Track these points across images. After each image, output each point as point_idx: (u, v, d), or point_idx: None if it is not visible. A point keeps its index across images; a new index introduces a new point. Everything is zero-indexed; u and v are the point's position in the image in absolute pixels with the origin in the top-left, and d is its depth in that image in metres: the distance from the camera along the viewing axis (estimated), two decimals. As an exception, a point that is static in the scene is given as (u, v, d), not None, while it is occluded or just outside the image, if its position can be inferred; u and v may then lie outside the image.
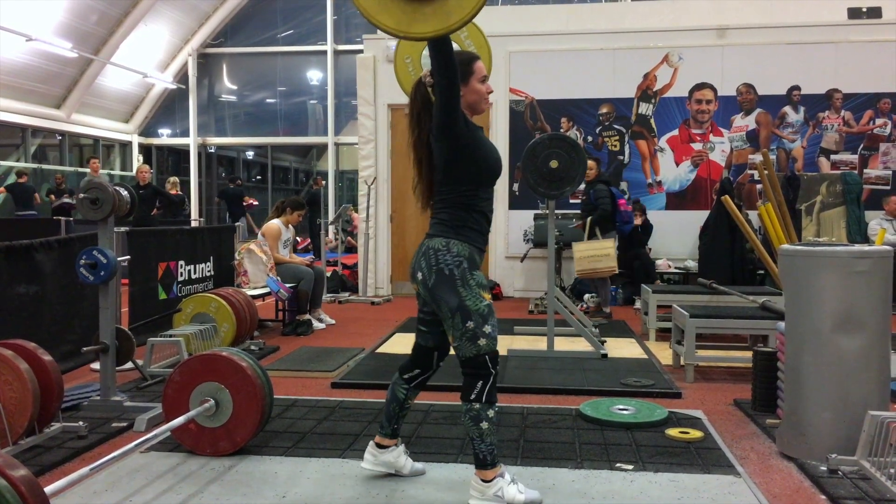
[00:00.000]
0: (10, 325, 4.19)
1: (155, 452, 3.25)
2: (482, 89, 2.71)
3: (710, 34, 8.95)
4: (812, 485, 2.90)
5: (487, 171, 2.69)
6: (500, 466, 2.62)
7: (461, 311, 2.55)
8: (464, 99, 2.64)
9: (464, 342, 2.57)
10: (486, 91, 2.74)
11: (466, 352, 2.58)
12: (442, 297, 2.58)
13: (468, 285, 2.56)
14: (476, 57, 2.77)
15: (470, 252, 2.61)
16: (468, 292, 2.55)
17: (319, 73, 17.49)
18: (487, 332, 2.55)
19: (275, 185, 18.61)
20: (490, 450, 2.58)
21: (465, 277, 2.56)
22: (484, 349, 2.56)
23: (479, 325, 2.55)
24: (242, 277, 6.54)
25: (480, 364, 2.56)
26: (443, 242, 2.60)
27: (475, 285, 2.57)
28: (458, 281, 2.56)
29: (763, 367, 3.89)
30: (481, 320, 2.55)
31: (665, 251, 8.87)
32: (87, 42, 14.76)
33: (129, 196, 3.91)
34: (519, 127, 9.16)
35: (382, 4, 2.21)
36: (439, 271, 2.57)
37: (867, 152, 8.77)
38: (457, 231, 2.62)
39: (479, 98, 2.72)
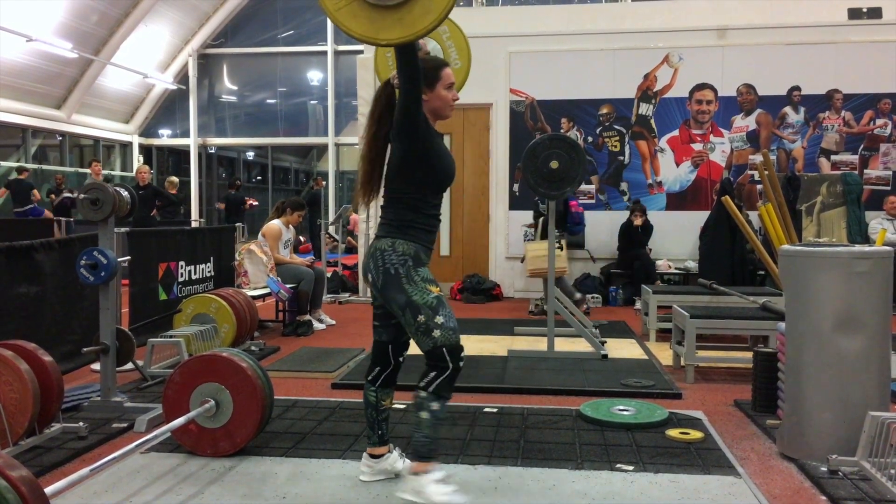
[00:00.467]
0: (10, 326, 4.19)
1: (155, 453, 3.24)
2: (447, 96, 2.73)
3: (711, 35, 8.95)
4: (812, 485, 2.90)
5: (439, 178, 2.73)
6: (434, 463, 2.62)
7: (410, 306, 2.59)
8: (428, 104, 2.68)
9: (420, 336, 2.61)
10: (452, 98, 2.75)
11: (424, 346, 2.61)
12: (391, 296, 2.63)
13: (413, 281, 2.60)
14: (444, 64, 2.79)
15: (415, 250, 2.65)
16: (414, 288, 2.60)
17: (320, 73, 17.49)
18: (440, 322, 2.57)
19: (275, 186, 18.61)
20: (425, 441, 2.59)
21: (409, 275, 2.61)
22: (440, 341, 2.57)
23: (430, 317, 2.57)
24: (243, 278, 6.54)
25: (438, 356, 2.58)
26: (388, 243, 2.66)
27: (420, 280, 2.61)
28: (403, 279, 2.60)
29: (763, 367, 3.89)
30: (431, 312, 2.58)
31: (665, 252, 8.87)
32: (88, 42, 14.77)
33: (130, 197, 3.91)
34: (519, 127, 9.17)
35: (351, 12, 2.24)
36: (386, 271, 2.63)
37: (867, 153, 8.77)
38: (403, 231, 2.67)
39: (443, 104, 2.74)
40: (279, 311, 6.86)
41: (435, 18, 2.22)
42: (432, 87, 2.69)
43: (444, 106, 2.74)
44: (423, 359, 2.62)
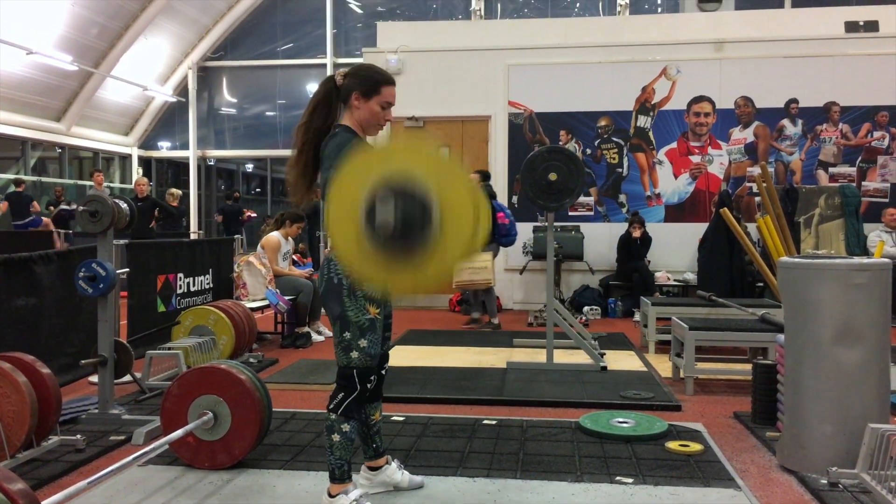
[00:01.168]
0: (8, 338, 4.18)
1: (153, 466, 3.23)
2: (379, 114, 2.64)
3: (708, 48, 9.00)
4: (812, 498, 2.89)
5: None
6: (348, 483, 2.62)
7: (341, 320, 2.56)
8: (358, 112, 2.62)
9: (338, 350, 2.60)
10: (383, 118, 2.65)
11: (339, 360, 2.61)
12: (328, 304, 2.61)
13: (354, 296, 2.55)
14: (390, 82, 2.67)
15: None
16: (352, 303, 2.55)
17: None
18: (362, 346, 2.56)
19: (274, 198, 18.62)
20: (339, 464, 2.59)
21: (352, 288, 2.54)
22: (354, 362, 2.57)
23: (356, 337, 2.56)
24: (241, 290, 6.54)
25: (348, 376, 2.58)
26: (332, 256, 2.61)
27: (362, 297, 2.55)
28: (344, 290, 2.55)
29: (763, 379, 3.88)
30: (358, 333, 2.55)
31: (664, 263, 8.87)
32: (88, 55, 14.81)
33: (129, 208, 3.92)
34: (518, 139, 9.19)
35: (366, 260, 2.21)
36: (329, 280, 2.59)
37: (865, 165, 8.80)
38: None
39: (371, 119, 2.64)
40: (278, 323, 6.85)
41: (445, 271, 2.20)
42: (368, 97, 2.61)
43: (371, 121, 2.64)
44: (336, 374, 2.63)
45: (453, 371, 5.25)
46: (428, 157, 2.16)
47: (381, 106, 2.63)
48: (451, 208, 2.10)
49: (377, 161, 2.19)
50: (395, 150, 2.21)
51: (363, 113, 2.62)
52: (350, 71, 2.67)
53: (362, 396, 2.60)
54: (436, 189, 2.10)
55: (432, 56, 9.39)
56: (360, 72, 2.67)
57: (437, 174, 2.12)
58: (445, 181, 2.12)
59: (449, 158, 2.17)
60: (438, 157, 2.16)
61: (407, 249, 2.12)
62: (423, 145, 2.18)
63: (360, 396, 2.59)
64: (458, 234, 2.12)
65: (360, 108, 2.62)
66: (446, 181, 2.12)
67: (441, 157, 2.16)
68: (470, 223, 2.11)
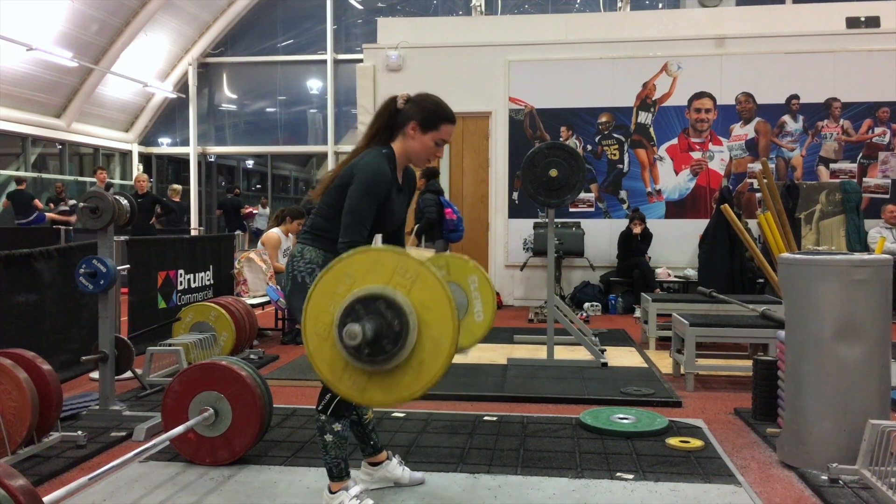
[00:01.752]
0: (9, 334, 4.18)
1: (154, 462, 3.24)
2: (431, 148, 2.61)
3: (709, 43, 8.98)
4: (813, 494, 2.90)
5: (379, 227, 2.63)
6: (347, 480, 2.60)
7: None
8: (410, 142, 2.59)
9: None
10: (434, 154, 2.63)
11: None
12: (294, 304, 2.57)
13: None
14: (451, 120, 2.63)
15: (324, 258, 2.52)
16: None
17: (319, 82, 17.52)
18: None
19: (274, 194, 18.62)
20: (335, 462, 2.56)
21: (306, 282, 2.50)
22: None
23: None
24: (242, 286, 6.54)
25: None
26: (299, 249, 2.59)
27: None
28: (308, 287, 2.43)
29: (763, 375, 3.89)
30: None
31: (665, 260, 8.87)
32: (88, 51, 14.80)
33: (129, 205, 3.91)
34: (518, 136, 9.18)
35: (351, 379, 2.17)
36: (293, 278, 2.56)
37: (866, 161, 8.79)
38: (314, 238, 2.59)
39: (422, 153, 2.61)
40: (278, 319, 6.85)
41: (425, 386, 2.15)
42: (425, 131, 2.57)
43: (422, 154, 2.62)
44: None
45: (454, 367, 5.19)
46: (412, 273, 2.11)
47: (435, 142, 2.60)
48: (429, 326, 2.07)
49: (355, 273, 2.15)
50: (377, 264, 2.16)
51: (416, 144, 2.59)
52: (415, 98, 2.62)
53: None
54: (414, 306, 2.07)
55: (433, 52, 9.38)
56: (425, 103, 2.61)
57: (416, 291, 2.09)
58: (426, 298, 2.08)
59: (434, 275, 2.10)
60: (423, 274, 2.11)
61: (380, 364, 2.10)
62: (409, 261, 2.13)
63: None
64: (437, 352, 2.09)
65: (413, 139, 2.58)
66: (427, 298, 2.08)
67: (426, 274, 2.11)
68: (450, 341, 2.08)
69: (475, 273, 3.12)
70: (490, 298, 3.14)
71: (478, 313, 3.17)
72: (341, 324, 2.09)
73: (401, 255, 2.14)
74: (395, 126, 2.61)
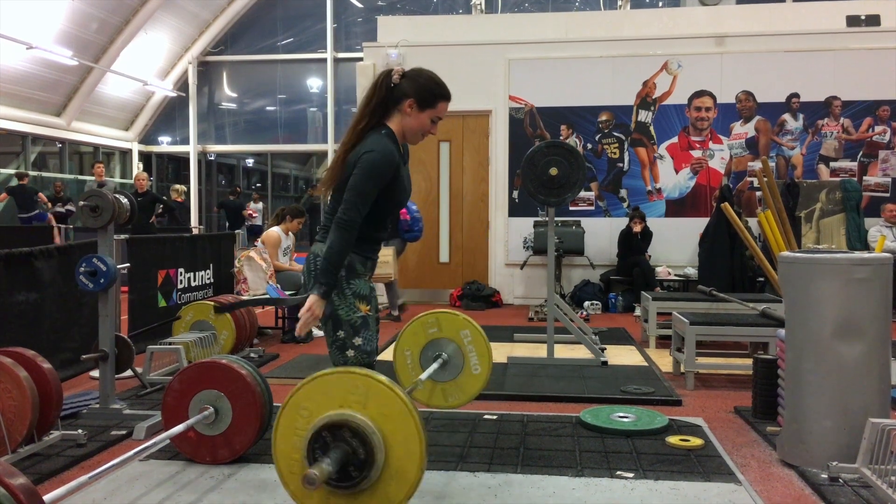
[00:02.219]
0: (9, 333, 4.18)
1: (154, 460, 3.24)
2: (427, 126, 2.56)
3: (709, 42, 8.98)
4: (813, 492, 2.90)
5: (394, 203, 2.58)
6: None
7: (333, 319, 2.48)
8: (407, 119, 2.53)
9: (333, 350, 2.53)
10: (430, 130, 2.58)
11: (335, 360, 2.53)
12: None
13: (342, 293, 2.47)
14: (447, 97, 2.58)
15: (350, 260, 2.47)
16: (342, 301, 2.47)
17: (319, 80, 17.52)
18: (357, 344, 2.49)
19: (274, 193, 18.61)
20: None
21: (339, 285, 2.45)
22: (351, 361, 2.49)
23: (350, 335, 2.49)
24: (242, 285, 6.54)
25: None
26: (321, 248, 2.48)
27: (351, 294, 2.48)
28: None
29: (763, 374, 3.89)
30: (352, 331, 2.48)
31: (665, 258, 8.87)
32: (88, 50, 14.79)
33: (129, 204, 3.91)
34: (518, 134, 9.18)
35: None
36: (314, 276, 2.48)
37: (866, 159, 8.78)
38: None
39: (418, 130, 2.56)
40: (278, 318, 6.85)
41: (408, 492, 2.13)
42: (422, 108, 2.52)
43: (418, 131, 2.57)
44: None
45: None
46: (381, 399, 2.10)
47: (431, 119, 2.56)
48: (393, 434, 2.06)
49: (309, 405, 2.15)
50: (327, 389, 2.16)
51: (412, 121, 2.54)
52: (410, 73, 2.55)
53: None
54: (373, 420, 2.06)
55: (433, 50, 9.37)
56: (420, 79, 2.54)
57: (372, 405, 2.08)
58: (383, 408, 2.07)
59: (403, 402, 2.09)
60: (374, 386, 2.10)
61: (354, 488, 2.10)
62: (357, 378, 2.12)
63: None
64: (409, 458, 2.08)
65: (409, 116, 2.53)
66: (385, 408, 2.07)
67: (376, 385, 2.10)
68: (417, 469, 2.07)
69: (467, 327, 3.13)
70: (485, 350, 3.16)
71: (474, 366, 3.18)
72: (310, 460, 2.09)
73: (347, 374, 2.11)
74: (391, 101, 2.53)
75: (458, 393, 3.22)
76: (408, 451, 2.06)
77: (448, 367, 3.20)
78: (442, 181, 9.42)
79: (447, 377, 3.21)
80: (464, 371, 3.19)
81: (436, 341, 3.18)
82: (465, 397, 3.22)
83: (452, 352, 3.18)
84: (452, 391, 3.22)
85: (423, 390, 3.24)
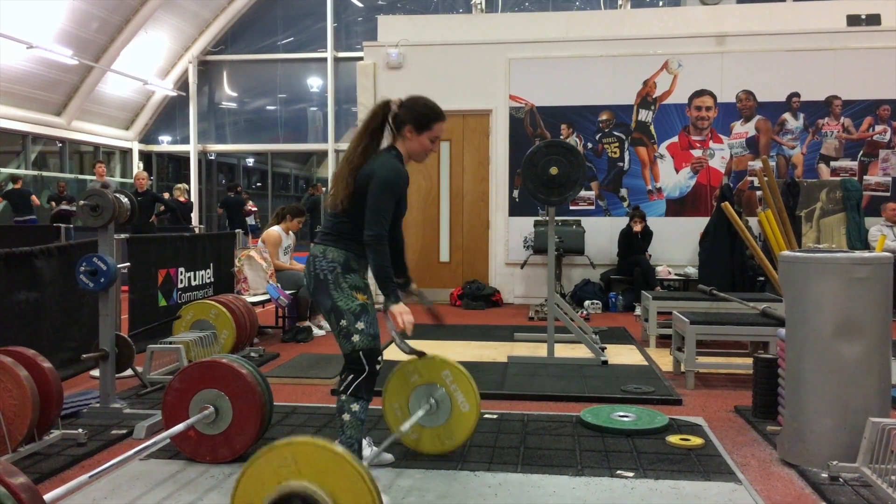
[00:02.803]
0: (9, 332, 4.18)
1: (154, 460, 3.24)
2: (428, 146, 2.93)
3: (710, 41, 8.97)
4: (813, 492, 2.90)
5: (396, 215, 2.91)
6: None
7: (334, 311, 2.80)
8: (409, 143, 2.90)
9: (340, 339, 2.82)
10: (430, 149, 2.95)
11: (344, 348, 2.83)
12: (319, 300, 2.85)
13: (340, 287, 2.80)
14: (441, 118, 2.93)
15: (345, 258, 2.82)
16: (340, 294, 2.79)
17: (319, 80, 17.51)
18: (360, 328, 2.79)
19: (275, 192, 18.62)
20: (350, 442, 2.78)
21: (337, 281, 2.80)
22: (358, 345, 2.79)
23: (352, 322, 2.78)
24: (242, 284, 6.54)
25: (355, 360, 2.81)
26: (321, 249, 2.83)
27: (347, 287, 2.80)
28: (331, 284, 2.79)
29: (764, 373, 3.89)
30: (353, 318, 2.79)
31: (665, 258, 8.87)
32: (88, 49, 14.79)
33: (130, 203, 3.91)
34: (519, 133, 9.18)
35: None
36: (316, 276, 2.82)
37: (867, 159, 8.78)
38: (335, 239, 2.84)
39: (421, 151, 2.93)
40: (279, 317, 6.85)
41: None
42: (420, 132, 2.88)
43: (421, 152, 2.93)
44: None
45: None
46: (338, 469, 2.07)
47: (430, 139, 2.91)
48: (337, 486, 2.03)
49: (251, 498, 2.12)
50: (259, 473, 2.14)
51: (414, 144, 2.90)
52: (406, 103, 2.90)
53: (372, 376, 2.82)
54: (313, 480, 2.04)
55: (433, 50, 9.37)
56: (416, 107, 2.90)
57: (304, 467, 2.06)
58: (317, 464, 2.05)
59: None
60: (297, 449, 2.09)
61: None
62: (281, 449, 2.11)
63: (369, 376, 2.81)
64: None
65: (411, 140, 2.89)
66: (318, 463, 2.06)
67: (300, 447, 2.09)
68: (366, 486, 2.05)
69: (446, 367, 3.14)
70: (469, 387, 3.16)
71: (462, 404, 3.18)
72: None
73: (269, 452, 2.11)
74: (396, 128, 2.90)
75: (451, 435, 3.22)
76: (355, 494, 2.03)
77: (439, 411, 3.21)
78: (442, 180, 9.42)
79: (440, 421, 3.21)
80: (453, 411, 3.19)
81: (420, 388, 3.19)
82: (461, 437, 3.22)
83: (440, 396, 3.19)
84: (446, 434, 3.22)
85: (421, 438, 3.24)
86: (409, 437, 3.22)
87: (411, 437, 3.23)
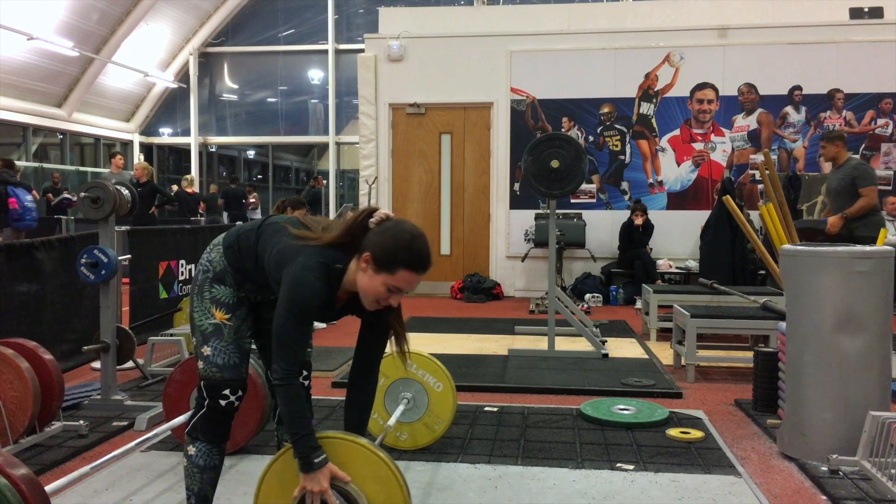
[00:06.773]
0: (10, 324, 4.18)
1: (155, 451, 3.25)
2: (381, 293, 2.02)
3: (712, 34, 8.95)
4: (813, 485, 2.90)
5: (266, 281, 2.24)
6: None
7: (191, 321, 2.26)
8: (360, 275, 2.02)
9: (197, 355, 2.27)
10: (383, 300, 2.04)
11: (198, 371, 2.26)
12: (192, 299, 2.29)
13: (202, 296, 2.22)
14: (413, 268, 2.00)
15: (223, 268, 2.22)
16: (199, 303, 2.22)
17: (320, 72, 17.47)
18: (206, 354, 2.19)
19: (276, 185, 18.60)
20: (187, 495, 2.22)
21: (202, 287, 2.22)
22: (201, 373, 2.21)
23: (199, 344, 2.22)
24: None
25: (200, 388, 2.23)
26: (213, 245, 2.29)
27: (209, 299, 2.20)
28: (197, 288, 2.24)
29: (764, 367, 3.89)
30: (201, 340, 2.21)
31: (666, 251, 8.87)
32: (89, 41, 14.75)
33: (131, 195, 3.91)
34: (520, 126, 9.16)
35: None
36: (196, 275, 2.29)
37: (869, 152, 8.76)
38: (233, 253, 2.23)
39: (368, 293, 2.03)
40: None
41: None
42: (378, 270, 1.99)
43: (368, 294, 2.04)
44: None
45: (455, 358, 5.25)
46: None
47: (387, 287, 2.01)
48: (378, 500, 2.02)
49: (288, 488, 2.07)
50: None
51: (364, 280, 2.02)
52: (389, 224, 2.04)
53: (213, 413, 2.19)
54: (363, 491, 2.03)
55: (434, 42, 9.35)
56: (387, 233, 2.01)
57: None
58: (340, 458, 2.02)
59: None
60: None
61: None
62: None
63: (209, 414, 2.19)
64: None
65: (364, 273, 2.01)
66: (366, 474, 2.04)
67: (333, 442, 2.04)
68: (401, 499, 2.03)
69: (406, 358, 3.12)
70: (435, 367, 3.18)
71: (435, 385, 3.19)
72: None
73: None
74: (359, 246, 2.04)
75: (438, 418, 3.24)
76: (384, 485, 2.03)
77: (417, 403, 3.22)
78: (443, 173, 9.41)
79: (422, 410, 3.22)
80: (430, 396, 3.20)
81: (389, 388, 3.20)
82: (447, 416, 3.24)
83: (412, 388, 3.20)
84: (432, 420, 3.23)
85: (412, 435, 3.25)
86: (401, 440, 3.24)
87: (402, 440, 3.24)
